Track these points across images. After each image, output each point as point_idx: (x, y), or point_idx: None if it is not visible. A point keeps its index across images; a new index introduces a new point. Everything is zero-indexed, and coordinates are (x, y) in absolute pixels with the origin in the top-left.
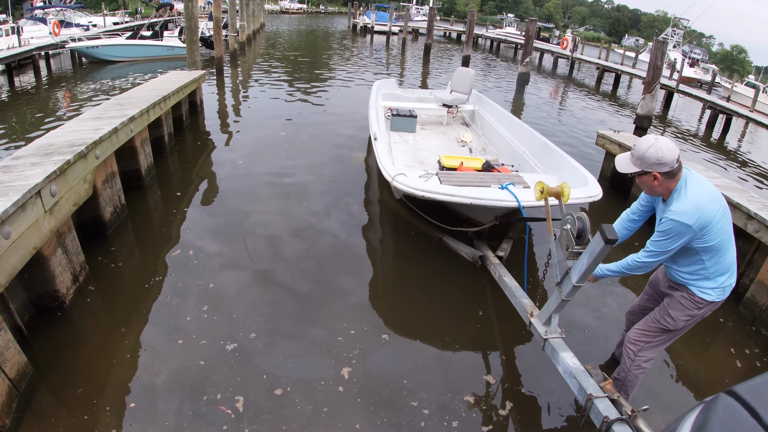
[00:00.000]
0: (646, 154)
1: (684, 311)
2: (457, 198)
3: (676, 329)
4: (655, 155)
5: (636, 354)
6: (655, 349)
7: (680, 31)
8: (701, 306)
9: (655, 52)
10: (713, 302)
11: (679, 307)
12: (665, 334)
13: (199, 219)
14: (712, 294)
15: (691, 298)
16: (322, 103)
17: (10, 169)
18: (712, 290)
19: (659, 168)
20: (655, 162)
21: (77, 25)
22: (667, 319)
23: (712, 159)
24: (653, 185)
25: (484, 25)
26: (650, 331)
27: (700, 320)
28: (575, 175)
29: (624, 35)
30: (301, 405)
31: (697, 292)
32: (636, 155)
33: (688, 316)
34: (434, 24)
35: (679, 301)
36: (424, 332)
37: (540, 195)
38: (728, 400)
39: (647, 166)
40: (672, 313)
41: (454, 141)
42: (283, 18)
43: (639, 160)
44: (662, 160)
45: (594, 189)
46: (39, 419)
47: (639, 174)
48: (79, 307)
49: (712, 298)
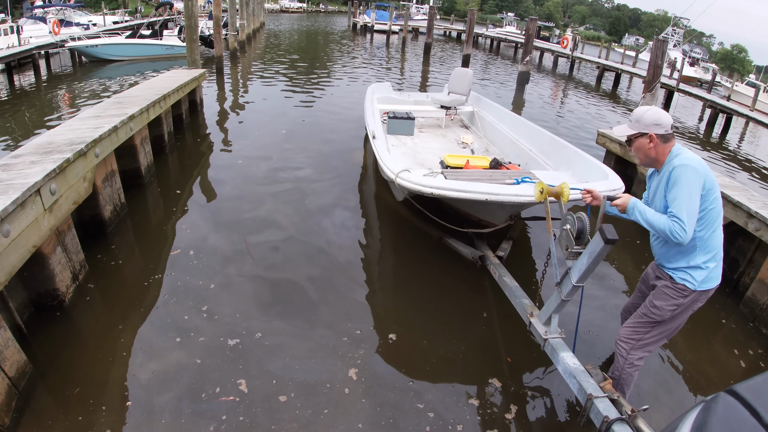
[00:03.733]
0: (644, 116)
1: (668, 300)
2: (472, 194)
3: (664, 320)
4: (652, 116)
5: (628, 352)
6: (647, 347)
7: (680, 30)
8: (686, 294)
9: (655, 51)
10: (697, 291)
11: (663, 296)
12: (655, 328)
13: (199, 217)
14: (693, 281)
15: (673, 286)
16: (322, 102)
17: (10, 168)
18: (695, 273)
19: (655, 129)
20: (653, 123)
21: (77, 24)
22: (653, 310)
23: (713, 158)
24: (648, 149)
25: (485, 24)
26: (639, 326)
27: (691, 312)
28: (592, 170)
29: (624, 34)
30: (305, 406)
31: (678, 279)
32: (633, 119)
33: (674, 305)
34: (434, 23)
35: (663, 290)
36: (431, 333)
37: (540, 195)
38: (728, 399)
39: (644, 127)
40: (657, 303)
41: (454, 143)
42: (283, 17)
43: (637, 122)
44: (659, 121)
45: (616, 182)
46: (38, 418)
47: (636, 136)
48: (78, 305)
49: (694, 285)
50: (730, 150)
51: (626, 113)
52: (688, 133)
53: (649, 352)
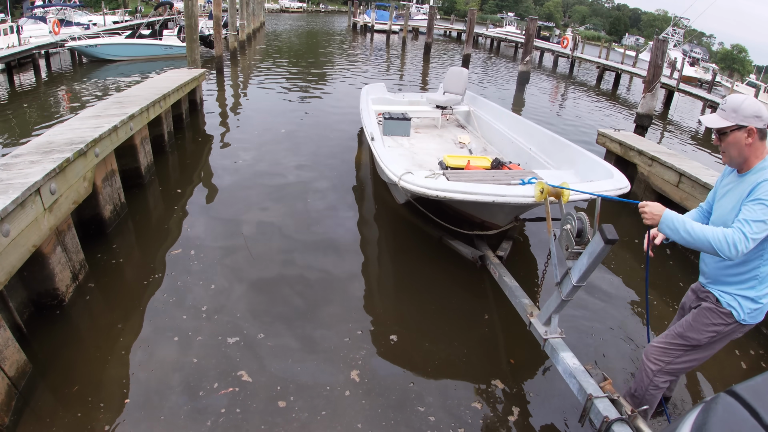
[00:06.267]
0: (742, 105)
1: (708, 324)
2: (479, 196)
3: (699, 345)
4: (752, 107)
5: (654, 374)
6: (676, 373)
7: (681, 30)
8: (728, 321)
9: (655, 51)
10: (739, 322)
11: (703, 318)
12: (688, 353)
13: (199, 217)
14: (740, 312)
15: (718, 309)
16: (321, 102)
17: (10, 167)
18: (746, 304)
19: (756, 122)
20: (753, 114)
21: (77, 24)
22: (689, 333)
23: (713, 158)
24: (743, 145)
25: (485, 24)
26: (671, 348)
27: (727, 342)
28: (596, 168)
29: (624, 34)
30: (304, 408)
31: (725, 304)
32: (729, 108)
33: (713, 331)
34: (434, 23)
35: (705, 312)
36: (432, 334)
37: (540, 195)
38: (728, 399)
39: (743, 118)
40: (694, 324)
41: (451, 143)
42: (283, 17)
43: (734, 113)
44: (759, 113)
45: (621, 181)
46: (38, 417)
47: (733, 129)
48: (78, 305)
49: (739, 316)
50: None
51: (626, 113)
52: (688, 133)
53: (676, 377)
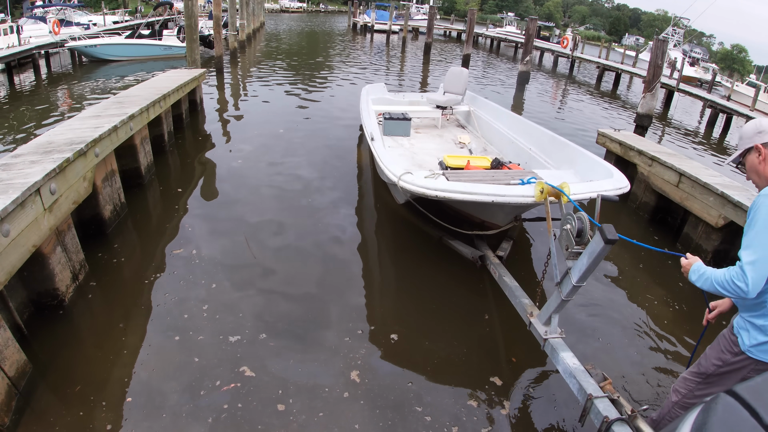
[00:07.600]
0: (743, 129)
1: (717, 349)
2: (478, 196)
3: (707, 374)
4: (752, 126)
5: (673, 406)
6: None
7: (680, 30)
8: (734, 350)
9: (655, 51)
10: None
11: (716, 344)
12: (700, 386)
13: (199, 217)
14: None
15: (728, 335)
16: (321, 102)
17: (10, 167)
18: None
19: (760, 138)
20: (754, 132)
21: (77, 24)
22: (702, 359)
23: (713, 157)
24: (757, 164)
25: (485, 23)
26: (691, 376)
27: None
28: (596, 168)
29: (624, 34)
30: (304, 408)
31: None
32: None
33: (719, 359)
34: (434, 23)
35: (719, 338)
36: (432, 333)
37: (540, 195)
38: (728, 399)
39: (747, 141)
40: (707, 352)
41: (451, 143)
42: (283, 17)
43: (740, 140)
44: (760, 129)
45: (621, 181)
46: (38, 417)
47: (744, 155)
48: (78, 305)
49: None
50: (731, 150)
51: (626, 113)
52: (688, 133)
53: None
